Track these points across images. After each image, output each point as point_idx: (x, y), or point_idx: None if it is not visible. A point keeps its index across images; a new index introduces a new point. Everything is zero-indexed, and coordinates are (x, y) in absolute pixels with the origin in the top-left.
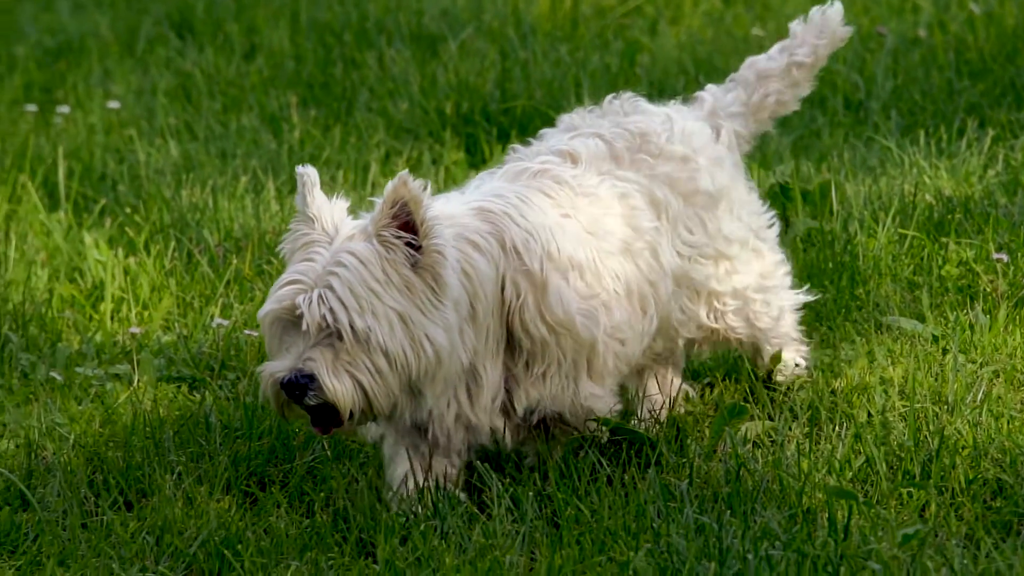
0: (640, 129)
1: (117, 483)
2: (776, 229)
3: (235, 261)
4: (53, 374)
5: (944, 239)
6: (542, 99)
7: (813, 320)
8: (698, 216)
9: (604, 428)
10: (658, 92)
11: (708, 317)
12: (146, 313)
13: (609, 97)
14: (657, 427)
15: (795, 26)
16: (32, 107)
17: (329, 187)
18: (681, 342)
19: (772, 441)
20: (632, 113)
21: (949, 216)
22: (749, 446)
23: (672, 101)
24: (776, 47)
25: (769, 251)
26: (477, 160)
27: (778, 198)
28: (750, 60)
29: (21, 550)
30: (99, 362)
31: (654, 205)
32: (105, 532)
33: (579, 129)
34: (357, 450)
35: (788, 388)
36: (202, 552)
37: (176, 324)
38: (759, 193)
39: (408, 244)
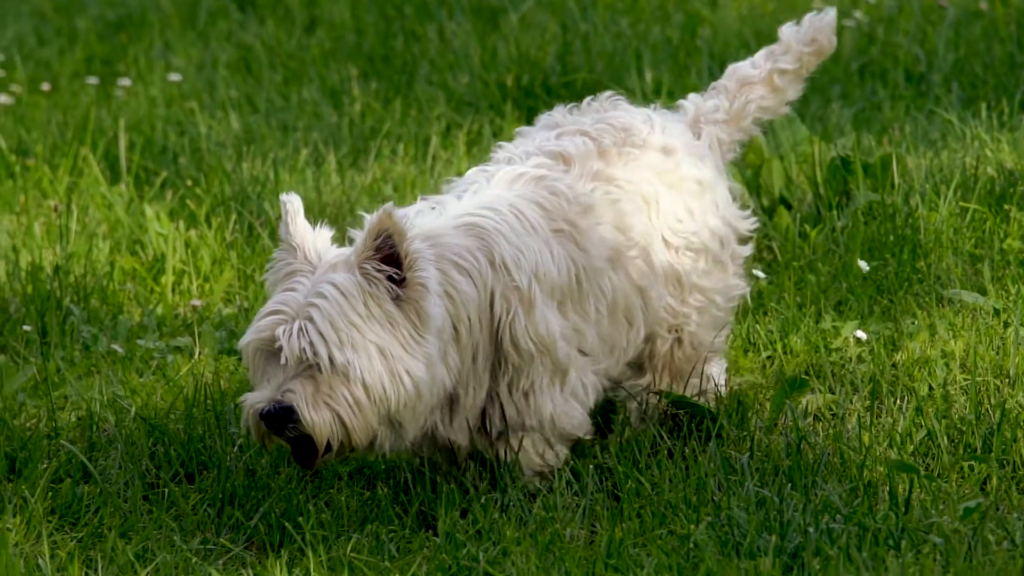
0: (623, 124)
1: (178, 455)
2: (749, 249)
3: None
4: (114, 346)
5: (1006, 211)
6: (603, 72)
7: (875, 292)
8: (686, 205)
9: (665, 400)
10: (719, 65)
11: (679, 304)
12: (207, 286)
13: (588, 99)
14: (718, 401)
15: (785, 30)
16: (93, 80)
17: (390, 160)
18: (660, 343)
19: (833, 414)
20: (613, 110)
21: (1011, 189)
22: (810, 419)
23: (652, 105)
24: (762, 53)
25: (735, 268)
26: None
27: (839, 171)
28: (732, 67)
29: (83, 522)
30: (160, 334)
31: (645, 201)
32: (166, 504)
33: (562, 127)
34: None
35: (846, 363)
36: (263, 524)
37: (237, 296)
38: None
39: (390, 277)
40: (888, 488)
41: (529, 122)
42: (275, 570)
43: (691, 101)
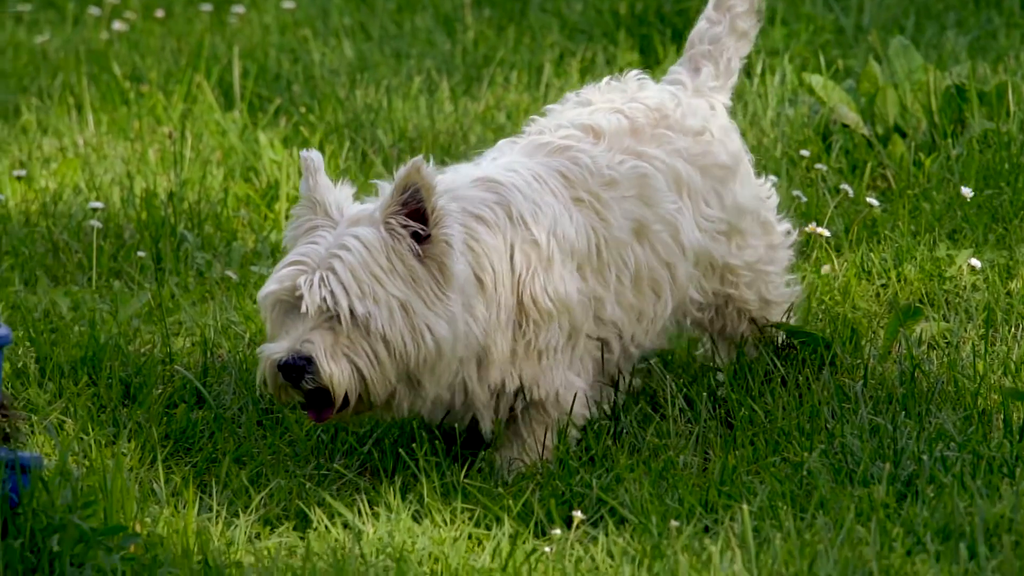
0: (657, 104)
1: None
2: (776, 200)
3: (408, 157)
4: (228, 273)
5: None
6: None
7: (989, 221)
8: (715, 190)
9: (778, 330)
10: None
11: (723, 285)
12: None
13: (607, 78)
14: (831, 328)
15: None
16: (207, 7)
17: (503, 88)
18: (688, 320)
19: (947, 343)
20: (642, 91)
21: None
22: (924, 347)
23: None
24: (710, 6)
25: (776, 222)
26: (651, 61)
27: (954, 99)
28: (696, 34)
29: (197, 447)
30: (274, 261)
31: (676, 182)
32: (280, 430)
33: (595, 104)
34: None
35: (960, 291)
36: (376, 450)
37: None
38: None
39: (415, 233)
40: (1002, 416)
41: (642, 51)
42: (388, 496)
43: (680, 75)
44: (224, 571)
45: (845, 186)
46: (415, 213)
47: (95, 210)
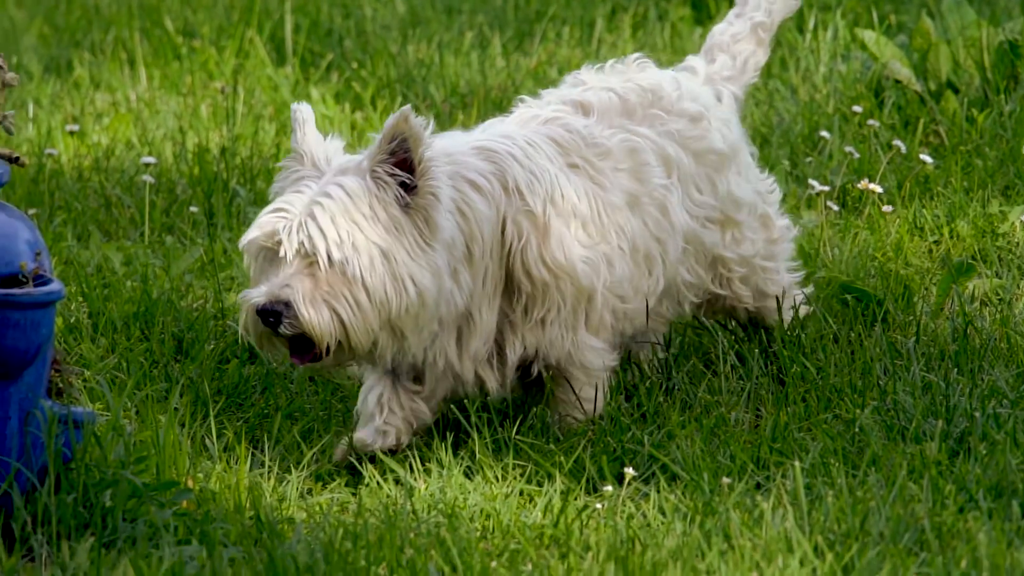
0: (652, 85)
1: None
2: (779, 194)
3: (461, 117)
4: None
5: None
6: None
7: None
8: (708, 177)
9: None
10: None
11: (714, 283)
12: None
13: (612, 61)
14: (884, 285)
15: None
16: None
17: (555, 43)
18: (687, 306)
19: (1000, 299)
20: (640, 72)
21: None
22: (976, 304)
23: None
24: (731, 13)
25: (776, 216)
26: (703, 16)
27: (1007, 55)
28: (714, 31)
29: (249, 403)
30: None
31: (665, 162)
32: (332, 386)
33: (588, 84)
34: None
35: (1013, 247)
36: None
37: None
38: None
39: (403, 184)
40: None
41: (695, 6)
42: (440, 452)
43: (696, 63)
44: (276, 527)
45: (897, 142)
46: (403, 163)
47: (147, 165)
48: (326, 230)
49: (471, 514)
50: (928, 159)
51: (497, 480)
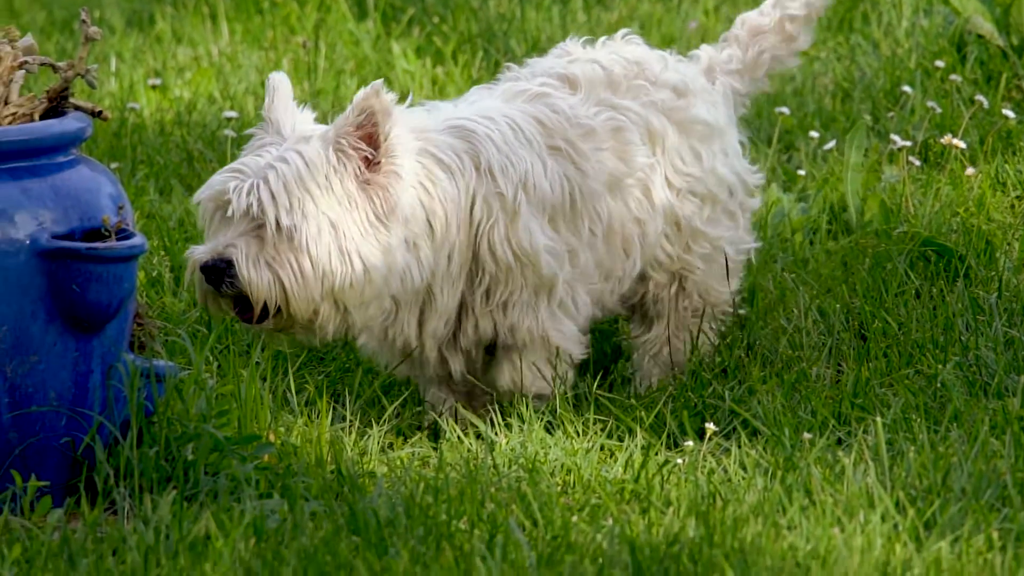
0: (637, 58)
1: None
2: (758, 202)
3: None
4: None
5: None
6: None
7: None
8: (692, 149)
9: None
10: None
11: (685, 252)
12: None
13: (603, 39)
14: (966, 240)
15: None
16: None
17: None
18: (651, 285)
19: None
20: (626, 46)
21: None
22: None
23: (668, 51)
24: (768, 1)
25: (745, 221)
26: None
27: None
28: (742, 17)
29: (330, 357)
30: None
31: (650, 135)
32: None
33: (573, 55)
34: None
35: None
36: None
37: None
38: None
39: (366, 158)
40: None
41: None
42: (520, 406)
43: (704, 51)
44: (357, 481)
45: (980, 97)
46: (369, 137)
47: (229, 119)
48: (277, 195)
49: (552, 469)
50: (1010, 114)
51: (578, 435)
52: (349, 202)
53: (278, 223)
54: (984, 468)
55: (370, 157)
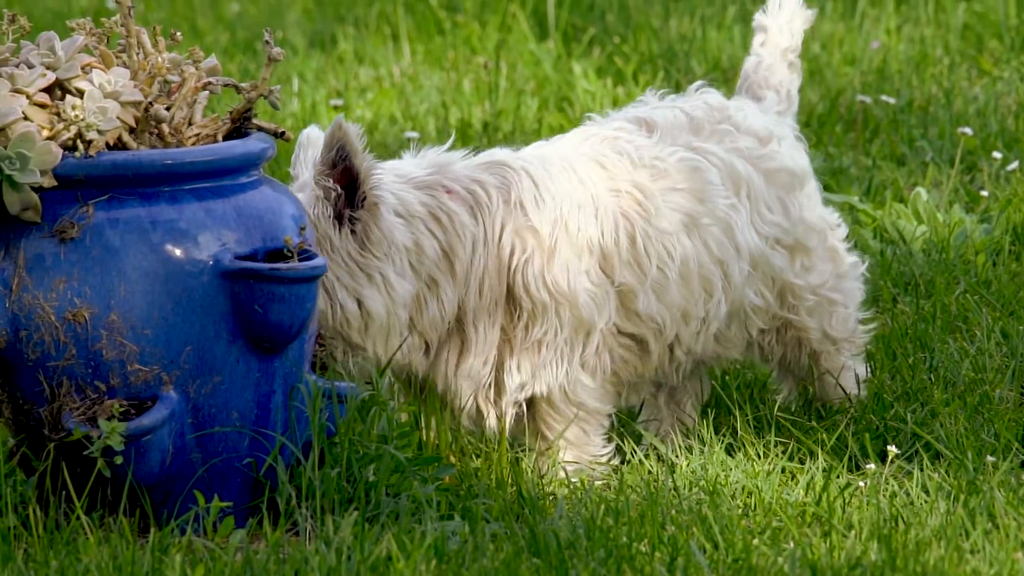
0: (720, 104)
1: None
2: (844, 230)
3: (723, 92)
4: None
5: None
6: None
7: None
8: (779, 198)
9: None
10: None
11: (783, 308)
12: None
13: (671, 97)
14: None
15: (760, 18)
16: None
17: (817, 18)
18: (754, 332)
19: None
20: (704, 94)
21: None
22: None
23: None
24: (756, 43)
25: (843, 251)
26: None
27: None
28: (747, 66)
29: None
30: None
31: (733, 180)
32: None
33: (654, 105)
34: None
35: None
36: None
37: None
38: None
39: (347, 193)
40: None
41: None
42: (701, 428)
43: (743, 100)
44: (538, 503)
45: None
46: (345, 172)
47: (410, 140)
48: None
49: (732, 491)
50: None
51: (759, 457)
52: (330, 247)
53: None
54: None
55: (350, 192)
